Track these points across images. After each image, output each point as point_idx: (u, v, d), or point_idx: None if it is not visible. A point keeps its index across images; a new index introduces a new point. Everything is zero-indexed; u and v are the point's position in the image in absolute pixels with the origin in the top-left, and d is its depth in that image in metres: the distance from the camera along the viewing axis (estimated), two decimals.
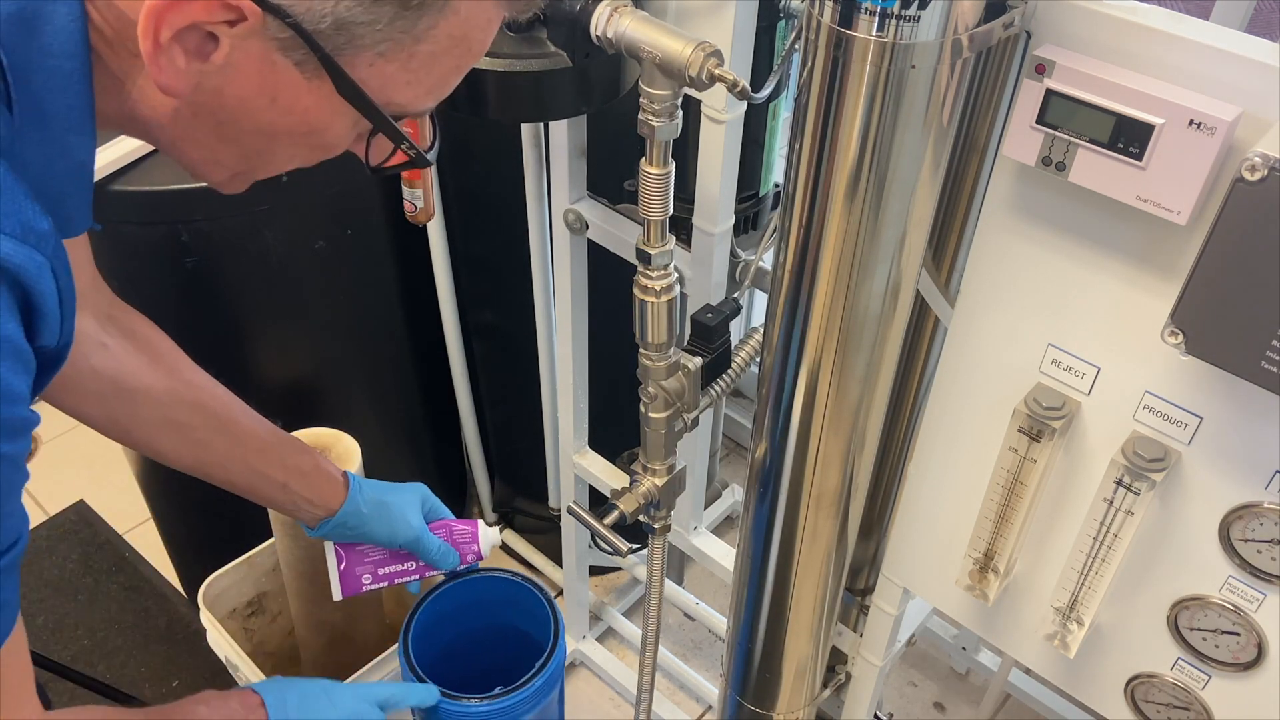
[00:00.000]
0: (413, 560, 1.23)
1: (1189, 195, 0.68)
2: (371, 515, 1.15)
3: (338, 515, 1.13)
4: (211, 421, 1.06)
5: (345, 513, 1.13)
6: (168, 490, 1.83)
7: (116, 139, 1.37)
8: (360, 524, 1.15)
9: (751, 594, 1.13)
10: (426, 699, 1.15)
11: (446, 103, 1.06)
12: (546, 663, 1.26)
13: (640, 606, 2.08)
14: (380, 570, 1.22)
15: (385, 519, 1.16)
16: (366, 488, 1.16)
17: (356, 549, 1.21)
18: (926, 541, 1.04)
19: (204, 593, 1.45)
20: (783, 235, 0.86)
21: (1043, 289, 0.83)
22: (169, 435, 1.05)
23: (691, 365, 1.07)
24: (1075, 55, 0.70)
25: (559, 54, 0.97)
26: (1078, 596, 0.91)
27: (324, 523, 1.13)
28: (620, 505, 1.14)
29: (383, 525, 1.16)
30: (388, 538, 1.17)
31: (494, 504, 2.14)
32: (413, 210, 1.34)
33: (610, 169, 1.31)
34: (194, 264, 1.43)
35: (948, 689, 1.99)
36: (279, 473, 1.10)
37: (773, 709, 1.24)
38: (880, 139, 0.75)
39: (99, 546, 1.69)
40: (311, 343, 1.61)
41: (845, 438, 0.94)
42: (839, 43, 0.72)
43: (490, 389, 1.93)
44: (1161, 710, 0.94)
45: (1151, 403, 0.80)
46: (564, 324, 1.44)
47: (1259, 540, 0.80)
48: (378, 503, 1.16)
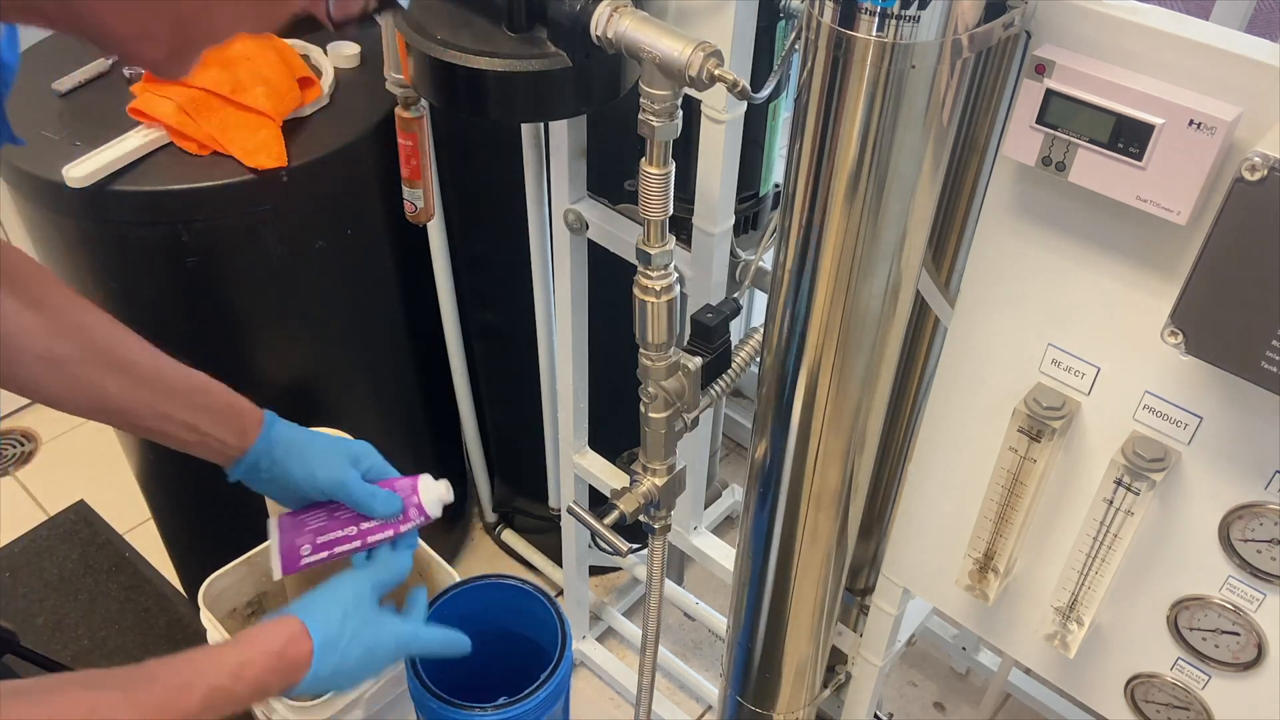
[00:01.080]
0: (354, 525, 1.10)
1: (1189, 195, 0.68)
2: (287, 456, 1.06)
3: (248, 454, 1.05)
4: (101, 358, 1.00)
5: (256, 451, 1.05)
6: (168, 490, 1.83)
7: (118, 137, 1.37)
8: (273, 465, 1.06)
9: (751, 594, 1.13)
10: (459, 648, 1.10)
11: (447, 103, 1.07)
12: (554, 672, 1.26)
13: (640, 606, 2.08)
14: (319, 539, 1.11)
15: (303, 459, 1.07)
16: (283, 426, 1.08)
17: (297, 518, 1.12)
18: (926, 541, 1.04)
19: (204, 593, 1.45)
20: (783, 235, 0.86)
21: (1043, 289, 0.83)
22: (49, 372, 0.98)
23: (691, 365, 1.07)
24: (1075, 55, 0.70)
25: (559, 54, 0.97)
26: (1078, 596, 0.91)
27: (237, 463, 1.06)
28: (620, 505, 1.14)
29: (300, 466, 1.07)
30: (307, 480, 1.07)
31: (494, 504, 2.14)
32: (413, 210, 1.34)
33: (610, 169, 1.31)
34: (194, 264, 1.43)
35: (948, 689, 1.99)
36: (186, 413, 1.03)
37: (773, 709, 1.24)
38: (880, 139, 0.75)
39: (99, 546, 1.68)
40: (311, 343, 1.61)
41: (845, 438, 0.94)
42: (839, 43, 0.72)
43: (490, 389, 1.93)
44: (1161, 710, 0.94)
45: (1151, 403, 0.80)
46: (564, 324, 1.44)
47: (1259, 540, 0.80)
48: (295, 441, 1.07)
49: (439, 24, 1.02)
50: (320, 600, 0.99)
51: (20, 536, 1.69)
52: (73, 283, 1.53)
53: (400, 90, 1.20)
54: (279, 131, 1.40)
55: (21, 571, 1.65)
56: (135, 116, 1.40)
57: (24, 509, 2.26)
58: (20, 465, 2.37)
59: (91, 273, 1.48)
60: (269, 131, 1.39)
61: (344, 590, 1.01)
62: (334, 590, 1.01)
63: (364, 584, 1.03)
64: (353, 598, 1.01)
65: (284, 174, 1.39)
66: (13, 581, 1.64)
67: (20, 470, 2.36)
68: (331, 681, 0.97)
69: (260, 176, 1.37)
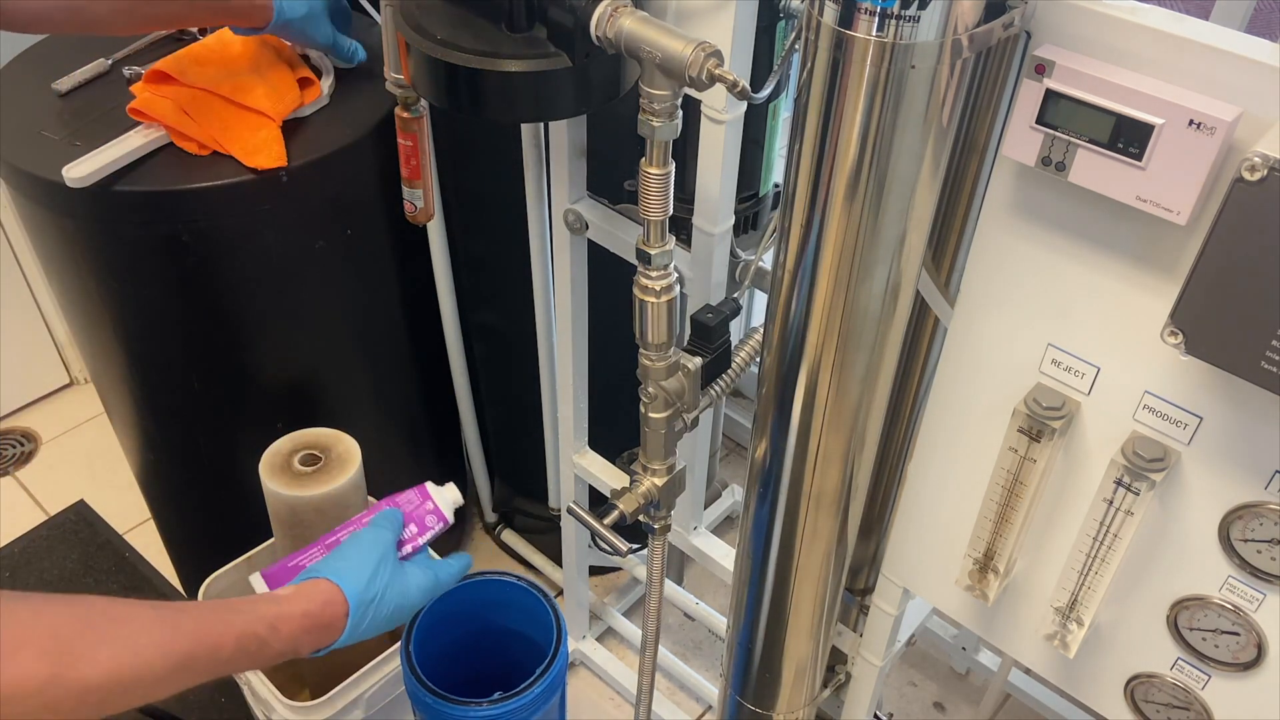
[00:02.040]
0: None
1: (1189, 195, 0.68)
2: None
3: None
4: None
5: None
6: (168, 490, 1.83)
7: (118, 137, 1.37)
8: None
9: (751, 594, 1.13)
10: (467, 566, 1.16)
11: (447, 103, 1.07)
12: (549, 668, 1.26)
13: (640, 606, 2.08)
14: None
15: None
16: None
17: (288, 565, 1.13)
18: (926, 541, 1.04)
19: (204, 593, 1.45)
20: (783, 235, 0.86)
21: (1042, 289, 0.83)
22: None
23: (691, 365, 1.07)
24: (1075, 55, 0.70)
25: (559, 54, 0.97)
26: (1078, 596, 0.91)
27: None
28: (620, 505, 1.14)
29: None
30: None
31: (494, 504, 2.14)
32: (413, 210, 1.34)
33: (610, 169, 1.31)
34: (194, 264, 1.43)
35: (948, 689, 1.99)
36: None
37: (773, 709, 1.24)
38: (880, 139, 0.75)
39: (99, 546, 1.68)
40: (312, 343, 1.61)
41: (845, 438, 0.94)
42: (839, 43, 0.72)
43: (490, 389, 1.93)
44: (1161, 710, 0.94)
45: (1151, 403, 0.80)
46: (564, 324, 1.44)
47: (1259, 540, 0.80)
48: None
49: (439, 24, 1.02)
50: (349, 562, 1.02)
51: (20, 537, 1.69)
52: (73, 283, 1.53)
53: (400, 90, 1.20)
54: (279, 131, 1.40)
55: (21, 571, 1.65)
56: (135, 116, 1.40)
57: (24, 509, 2.26)
58: (20, 465, 2.37)
59: (91, 273, 1.48)
60: (269, 131, 1.39)
61: (369, 550, 1.04)
62: (360, 551, 1.04)
63: (388, 539, 1.07)
64: (379, 556, 1.04)
65: (284, 174, 1.39)
66: (13, 582, 1.63)
67: (20, 470, 2.36)
68: (364, 636, 1.00)
69: (260, 177, 1.37)
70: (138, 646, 0.80)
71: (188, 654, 0.84)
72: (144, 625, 0.82)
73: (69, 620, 0.78)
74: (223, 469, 1.67)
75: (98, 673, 0.77)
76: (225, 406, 1.61)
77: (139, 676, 0.80)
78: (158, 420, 1.68)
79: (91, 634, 0.78)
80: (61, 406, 2.48)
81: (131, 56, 1.55)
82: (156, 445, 1.72)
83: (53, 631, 0.76)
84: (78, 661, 0.76)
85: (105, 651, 0.78)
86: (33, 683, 0.73)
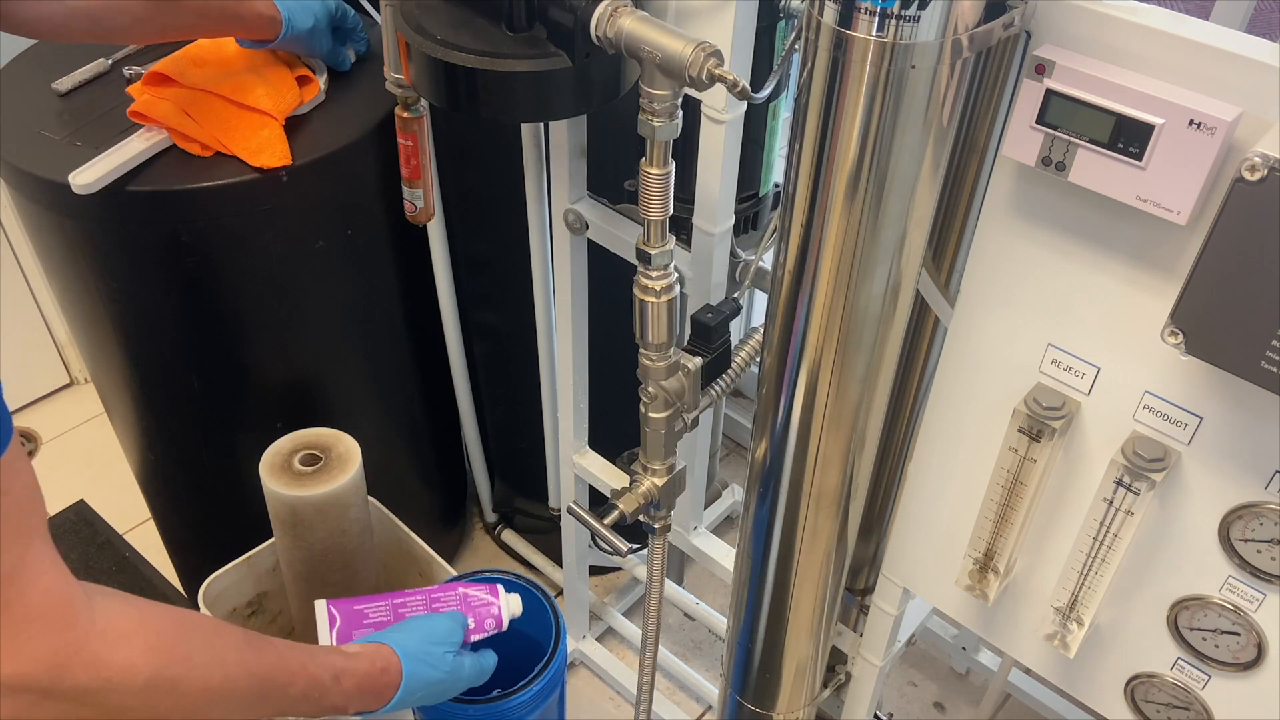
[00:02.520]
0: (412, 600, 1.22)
1: (1189, 195, 0.68)
2: None
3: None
4: None
5: None
6: (168, 490, 1.83)
7: (122, 141, 1.37)
8: None
9: (751, 594, 1.13)
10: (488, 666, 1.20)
11: (447, 103, 1.07)
12: (547, 665, 1.26)
13: (640, 606, 2.08)
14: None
15: None
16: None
17: (354, 609, 1.20)
18: (926, 541, 1.04)
19: (204, 593, 1.45)
20: (783, 235, 0.86)
21: (1043, 289, 0.83)
22: None
23: (691, 365, 1.07)
24: (1075, 55, 0.70)
25: (559, 54, 0.97)
26: (1078, 596, 0.91)
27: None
28: (620, 505, 1.14)
29: None
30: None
31: (494, 504, 2.14)
32: (413, 210, 1.34)
33: (610, 169, 1.31)
34: (194, 264, 1.43)
35: (948, 689, 1.99)
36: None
37: (773, 709, 1.24)
38: (880, 139, 0.75)
39: (99, 546, 1.68)
40: (312, 343, 1.61)
41: (845, 438, 0.94)
42: (839, 43, 0.72)
43: (490, 389, 1.93)
44: (1161, 710, 0.94)
45: (1151, 403, 0.80)
46: (564, 324, 1.44)
47: (1259, 540, 0.80)
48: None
49: (439, 24, 1.02)
50: (415, 643, 1.07)
51: None
52: (73, 283, 1.53)
53: (400, 90, 1.20)
54: (282, 130, 1.40)
55: None
56: (135, 120, 1.39)
57: None
58: None
59: (91, 273, 1.48)
60: (272, 130, 1.39)
61: (438, 640, 1.10)
62: (430, 638, 1.10)
63: (457, 639, 1.13)
64: (442, 651, 1.09)
65: (284, 174, 1.39)
66: None
67: None
68: (398, 709, 1.04)
69: (260, 176, 1.37)
70: (227, 661, 0.82)
71: (267, 679, 0.86)
72: (234, 642, 0.84)
73: (170, 623, 0.80)
74: (223, 469, 1.67)
75: (192, 677, 0.79)
76: (225, 406, 1.61)
77: (225, 691, 0.82)
78: (158, 420, 1.68)
79: (189, 640, 0.80)
80: (61, 406, 2.48)
81: (131, 57, 1.55)
82: (156, 445, 1.72)
83: (157, 629, 0.78)
84: (177, 663, 0.78)
85: (199, 658, 0.80)
86: (140, 675, 0.75)
